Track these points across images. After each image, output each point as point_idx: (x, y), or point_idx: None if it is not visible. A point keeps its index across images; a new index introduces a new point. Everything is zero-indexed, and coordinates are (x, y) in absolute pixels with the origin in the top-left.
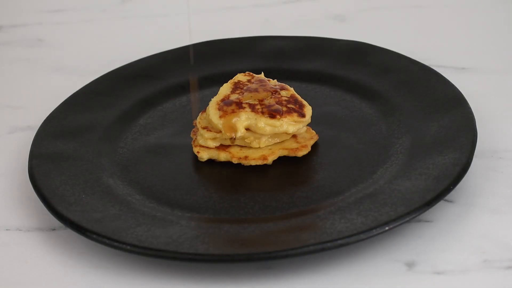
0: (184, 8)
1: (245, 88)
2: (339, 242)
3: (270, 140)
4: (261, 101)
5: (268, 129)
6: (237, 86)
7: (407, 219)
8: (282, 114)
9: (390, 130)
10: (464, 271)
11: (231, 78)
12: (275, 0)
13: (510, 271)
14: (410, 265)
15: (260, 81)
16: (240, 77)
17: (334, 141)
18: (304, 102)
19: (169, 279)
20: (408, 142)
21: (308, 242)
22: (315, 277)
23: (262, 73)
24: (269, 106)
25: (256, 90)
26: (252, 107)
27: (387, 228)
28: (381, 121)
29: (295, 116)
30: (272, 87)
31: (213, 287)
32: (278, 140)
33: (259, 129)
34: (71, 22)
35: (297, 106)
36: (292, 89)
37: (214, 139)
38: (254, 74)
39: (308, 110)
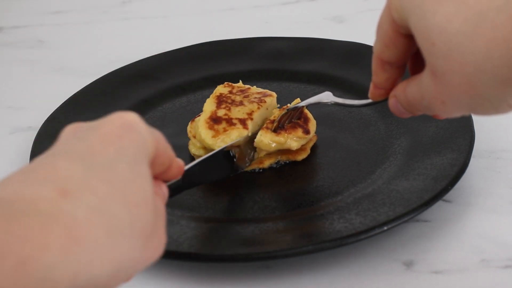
0: (183, 10)
1: (229, 101)
2: (338, 242)
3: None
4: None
5: (273, 145)
6: (220, 100)
7: (406, 219)
8: (286, 130)
9: (389, 130)
10: (462, 271)
11: (231, 79)
12: (274, 1)
13: (507, 270)
14: (408, 264)
15: (242, 91)
16: (220, 89)
17: (333, 141)
18: (309, 116)
19: (169, 279)
20: (406, 142)
21: (307, 242)
22: (314, 277)
23: (240, 81)
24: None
25: (241, 103)
26: (243, 122)
27: (385, 228)
28: (379, 121)
29: (299, 132)
30: (256, 97)
31: (213, 287)
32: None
33: (264, 145)
34: (71, 24)
35: (302, 120)
36: (275, 94)
37: (205, 148)
38: (233, 84)
39: (312, 126)
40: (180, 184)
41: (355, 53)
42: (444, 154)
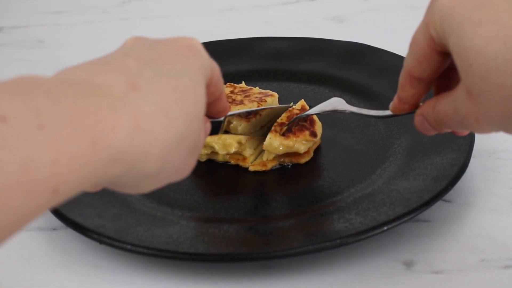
0: (183, 10)
1: (230, 100)
2: (338, 242)
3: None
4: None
5: (281, 149)
6: None
7: (406, 219)
8: (294, 134)
9: (389, 130)
10: (462, 271)
11: (231, 79)
12: (274, 1)
13: (507, 271)
14: (408, 264)
15: (243, 91)
16: None
17: (333, 141)
18: (315, 118)
19: (169, 279)
20: (407, 142)
21: (307, 242)
22: (314, 277)
23: (243, 82)
24: (282, 124)
25: (242, 102)
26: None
27: (385, 228)
28: (379, 121)
29: (307, 135)
30: (257, 96)
31: (213, 287)
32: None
33: (273, 148)
34: (71, 24)
35: (308, 122)
36: (276, 94)
37: (205, 146)
38: (236, 85)
39: (318, 128)
40: (220, 125)
41: (355, 53)
42: (444, 154)
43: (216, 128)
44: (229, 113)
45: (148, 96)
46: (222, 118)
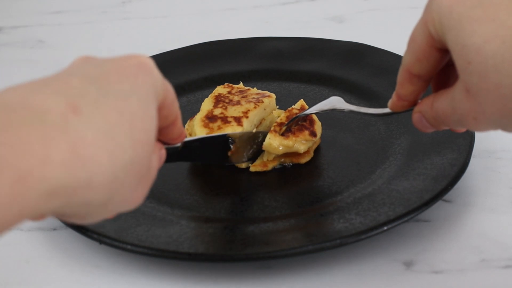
0: (183, 10)
1: (227, 101)
2: (338, 242)
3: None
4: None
5: (281, 149)
6: (218, 100)
7: (406, 219)
8: (294, 133)
9: (389, 130)
10: (462, 271)
11: (230, 79)
12: (274, 1)
13: (507, 271)
14: (408, 264)
15: (241, 91)
16: (220, 89)
17: (333, 141)
18: (315, 118)
19: (169, 279)
20: (407, 142)
21: (307, 242)
22: (314, 277)
23: (241, 82)
24: (281, 124)
25: (238, 103)
26: (238, 120)
27: (385, 228)
28: (379, 121)
29: (306, 135)
30: (254, 97)
31: (213, 287)
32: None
33: (273, 149)
34: (71, 23)
35: (308, 122)
36: (273, 95)
37: None
38: (234, 85)
39: (318, 128)
40: (178, 152)
41: (355, 53)
42: (444, 154)
43: (172, 156)
44: (186, 139)
45: (90, 120)
46: (178, 145)
